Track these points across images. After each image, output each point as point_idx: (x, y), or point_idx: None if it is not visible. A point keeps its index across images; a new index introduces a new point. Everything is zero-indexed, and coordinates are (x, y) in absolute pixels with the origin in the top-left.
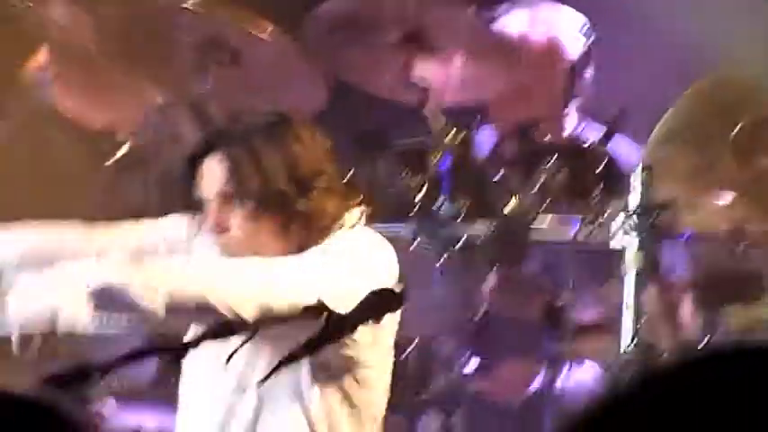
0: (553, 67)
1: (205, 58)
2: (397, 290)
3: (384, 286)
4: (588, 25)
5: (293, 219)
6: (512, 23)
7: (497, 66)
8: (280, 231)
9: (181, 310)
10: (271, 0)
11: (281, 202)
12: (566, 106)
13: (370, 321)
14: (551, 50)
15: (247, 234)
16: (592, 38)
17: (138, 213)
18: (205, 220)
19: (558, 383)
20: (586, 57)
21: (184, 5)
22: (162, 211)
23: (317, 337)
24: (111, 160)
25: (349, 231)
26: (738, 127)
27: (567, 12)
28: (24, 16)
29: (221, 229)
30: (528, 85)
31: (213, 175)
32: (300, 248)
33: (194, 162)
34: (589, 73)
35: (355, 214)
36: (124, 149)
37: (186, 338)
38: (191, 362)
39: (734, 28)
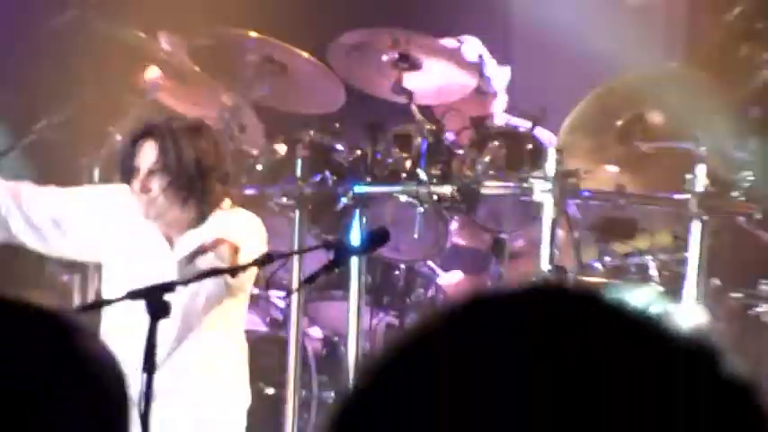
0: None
1: (262, 70)
2: (386, 231)
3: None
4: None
5: (193, 194)
6: (470, 50)
7: (459, 78)
8: (183, 201)
9: None
10: (306, 30)
11: (187, 181)
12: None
13: (372, 251)
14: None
15: (161, 198)
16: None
17: None
18: (136, 182)
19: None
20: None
21: (249, 34)
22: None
23: (330, 265)
24: None
25: (228, 210)
26: (621, 121)
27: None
28: (142, 44)
29: (145, 189)
30: (477, 91)
31: (146, 154)
32: (195, 217)
33: (134, 142)
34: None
35: (227, 201)
36: None
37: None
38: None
39: (620, 49)
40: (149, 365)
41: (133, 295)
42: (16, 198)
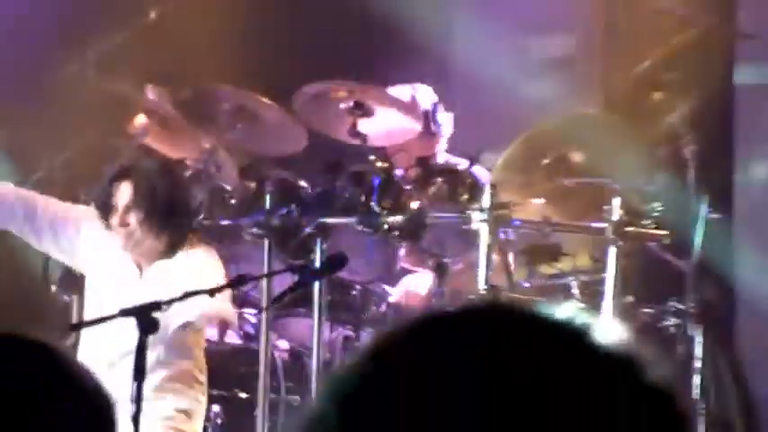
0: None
1: (236, 117)
2: (342, 257)
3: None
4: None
5: (165, 228)
6: (423, 97)
7: (406, 123)
8: (156, 234)
9: None
10: (273, 81)
11: (160, 216)
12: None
13: (332, 274)
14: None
15: (138, 231)
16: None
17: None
18: (114, 217)
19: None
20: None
21: (224, 87)
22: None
23: (295, 286)
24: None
25: (193, 248)
26: (547, 160)
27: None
28: (131, 95)
29: (123, 224)
30: (423, 134)
31: (123, 192)
32: (165, 249)
33: (112, 182)
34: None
35: (190, 236)
36: (188, 171)
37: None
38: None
39: (545, 97)
40: (140, 374)
41: (125, 313)
42: (30, 199)
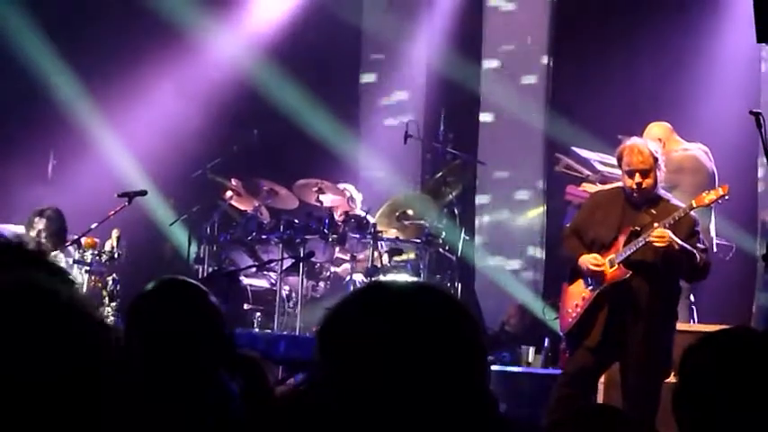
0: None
1: (268, 193)
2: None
3: None
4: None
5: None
6: (348, 187)
7: (338, 200)
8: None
9: None
10: (281, 175)
11: (52, 242)
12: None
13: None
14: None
15: (48, 249)
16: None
17: None
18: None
19: None
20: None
21: (261, 179)
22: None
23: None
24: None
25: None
26: (398, 213)
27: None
28: (224, 183)
29: (38, 243)
30: (347, 201)
31: (39, 223)
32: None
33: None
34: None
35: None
36: (247, 214)
37: None
38: None
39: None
40: None
41: None
42: None
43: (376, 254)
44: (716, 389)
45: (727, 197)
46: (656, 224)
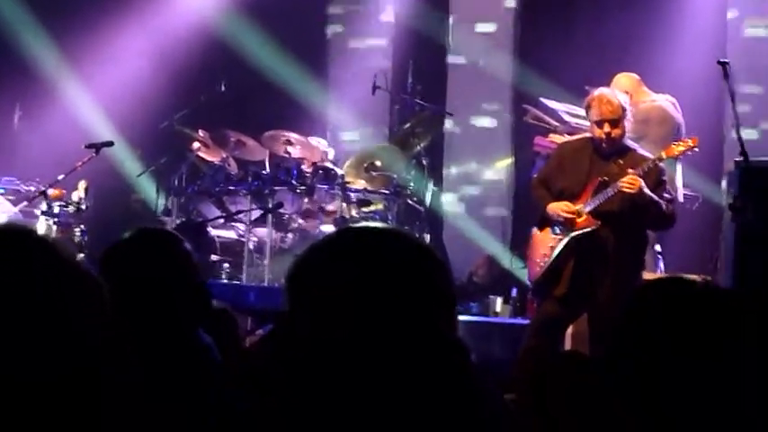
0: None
1: (236, 144)
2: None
3: None
4: None
5: None
6: (315, 141)
7: (308, 150)
8: None
9: None
10: (252, 126)
11: None
12: None
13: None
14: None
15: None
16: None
17: None
18: None
19: None
20: None
21: (230, 131)
22: None
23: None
24: None
25: None
26: (366, 164)
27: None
28: (191, 135)
29: None
30: (314, 152)
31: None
32: None
33: None
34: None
35: None
36: (215, 164)
37: None
38: None
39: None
40: None
41: None
42: None
43: (344, 205)
44: (661, 334)
45: (696, 149)
46: (629, 171)
